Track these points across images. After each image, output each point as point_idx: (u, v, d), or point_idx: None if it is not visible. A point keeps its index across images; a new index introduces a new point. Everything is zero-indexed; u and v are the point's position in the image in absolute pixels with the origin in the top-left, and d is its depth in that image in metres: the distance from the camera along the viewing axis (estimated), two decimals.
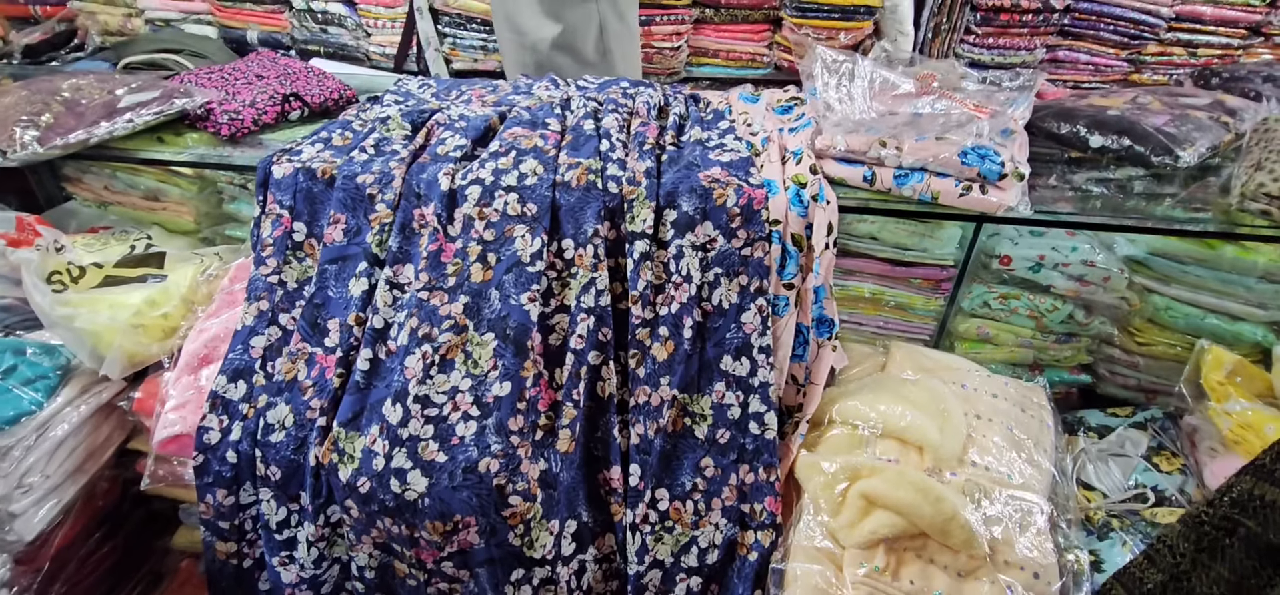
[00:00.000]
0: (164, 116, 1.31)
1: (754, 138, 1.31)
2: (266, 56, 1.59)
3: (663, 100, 1.48)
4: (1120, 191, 1.21)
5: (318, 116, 1.45)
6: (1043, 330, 1.29)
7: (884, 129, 1.19)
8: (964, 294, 1.27)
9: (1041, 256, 1.21)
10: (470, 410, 1.03)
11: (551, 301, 1.11)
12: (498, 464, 0.99)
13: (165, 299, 1.15)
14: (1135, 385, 1.33)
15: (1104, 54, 2.57)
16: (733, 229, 1.11)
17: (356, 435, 1.03)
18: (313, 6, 2.53)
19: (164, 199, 1.38)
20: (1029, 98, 1.29)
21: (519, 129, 1.27)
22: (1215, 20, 2.49)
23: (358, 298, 1.11)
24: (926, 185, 1.12)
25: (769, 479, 1.08)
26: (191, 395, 1.08)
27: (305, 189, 1.17)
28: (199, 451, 1.04)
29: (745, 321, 1.11)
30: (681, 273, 1.10)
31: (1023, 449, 1.09)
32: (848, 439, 1.10)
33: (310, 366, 1.09)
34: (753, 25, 2.65)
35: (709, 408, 1.10)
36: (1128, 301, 1.25)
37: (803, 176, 1.15)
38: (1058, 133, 1.35)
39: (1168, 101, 1.40)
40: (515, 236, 1.11)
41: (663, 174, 1.16)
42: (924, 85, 1.30)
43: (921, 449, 1.07)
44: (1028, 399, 1.18)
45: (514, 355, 1.05)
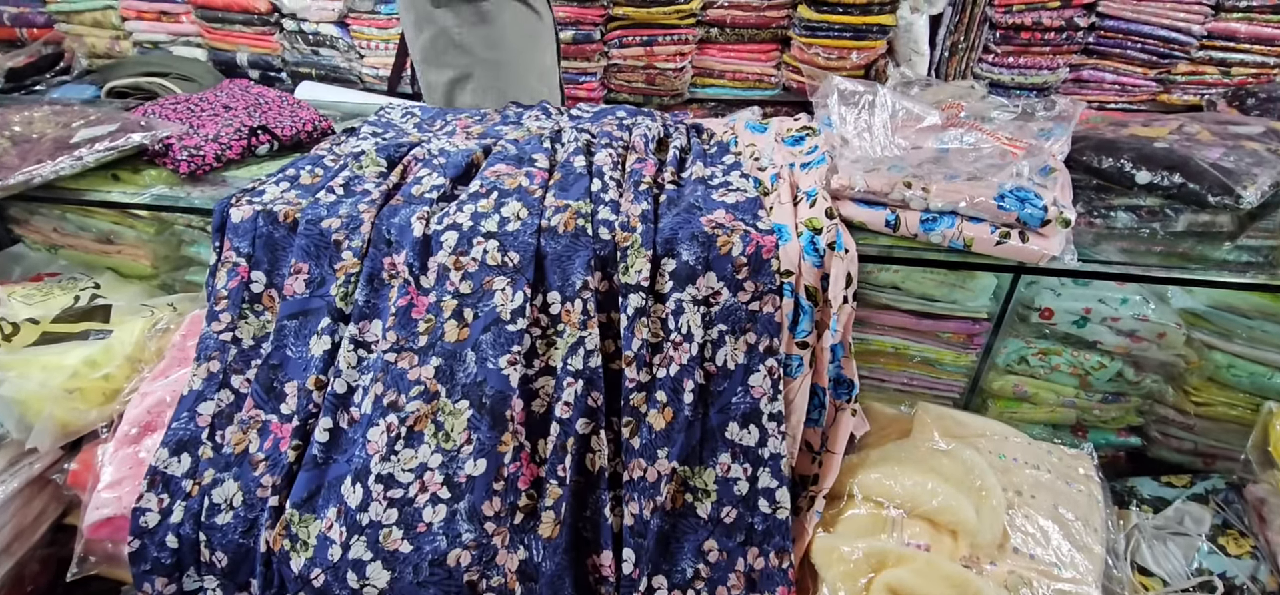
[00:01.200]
0: (119, 153, 1.21)
1: (762, 174, 1.19)
2: (238, 85, 1.49)
3: (662, 131, 1.36)
4: (1173, 235, 1.08)
5: (288, 150, 1.34)
6: (1087, 388, 1.16)
7: (908, 167, 1.06)
8: (999, 349, 1.14)
9: (1087, 309, 1.08)
10: (440, 491, 0.91)
11: (535, 363, 0.99)
12: (469, 556, 0.87)
13: (107, 359, 1.04)
14: (1192, 449, 1.19)
15: (1131, 74, 2.45)
16: (739, 281, 0.99)
17: (311, 518, 0.92)
18: (304, 28, 2.45)
19: (119, 241, 1.27)
20: (1067, 130, 1.17)
21: (503, 166, 1.16)
22: (1250, 38, 2.36)
23: (319, 358, 0.99)
24: (958, 231, 0.99)
25: (782, 565, 0.95)
26: (130, 470, 0.96)
27: (265, 234, 1.06)
28: (134, 536, 0.93)
29: (753, 384, 0.98)
30: (681, 330, 0.98)
31: (1070, 530, 0.96)
32: (870, 519, 0.97)
33: (263, 437, 0.97)
34: (760, 45, 2.55)
35: (713, 483, 0.97)
36: (1184, 359, 1.12)
37: (818, 221, 1.02)
38: (1099, 167, 1.22)
39: (1218, 131, 1.27)
40: (494, 290, 0.99)
41: (661, 218, 1.04)
42: (951, 117, 1.18)
43: (955, 533, 0.94)
44: (1073, 469, 1.04)
45: (490, 428, 0.93)
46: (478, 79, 1.72)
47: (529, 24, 1.75)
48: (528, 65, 1.77)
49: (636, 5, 2.41)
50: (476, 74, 1.72)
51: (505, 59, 1.72)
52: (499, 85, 1.72)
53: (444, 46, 1.70)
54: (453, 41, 1.69)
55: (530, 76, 1.77)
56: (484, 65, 1.71)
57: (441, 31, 1.68)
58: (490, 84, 1.72)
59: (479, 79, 1.72)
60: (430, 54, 1.73)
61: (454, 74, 1.73)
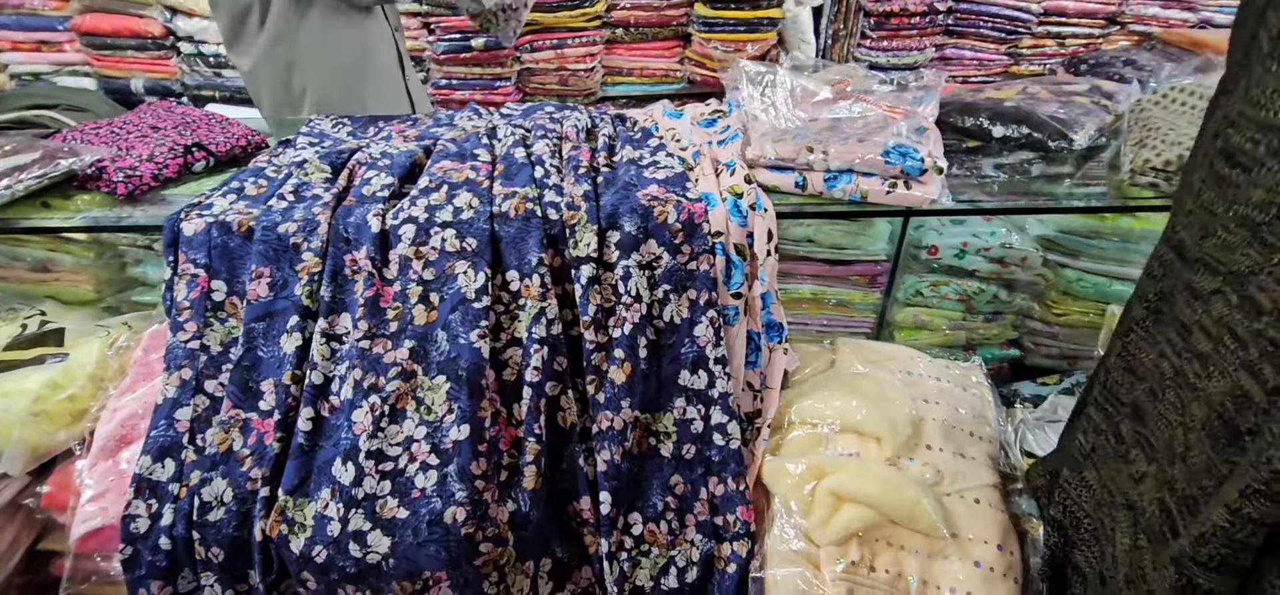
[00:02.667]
0: (48, 180, 1.19)
1: (685, 153, 1.33)
2: (161, 106, 1.48)
3: (589, 122, 1.48)
4: (1023, 176, 1.30)
5: (225, 166, 1.36)
6: (971, 312, 1.36)
7: (809, 135, 1.23)
8: (898, 285, 1.33)
9: (964, 243, 1.28)
10: (429, 459, 0.99)
11: (501, 336, 1.08)
12: (464, 512, 0.95)
13: (69, 379, 1.04)
14: (1058, 354, 1.42)
15: (985, 50, 2.78)
16: (676, 245, 1.12)
17: (306, 502, 0.97)
18: (203, 51, 2.39)
19: (56, 268, 1.25)
20: (935, 96, 1.37)
21: (447, 162, 1.23)
22: (1078, 13, 2.73)
23: (292, 354, 1.04)
24: (855, 185, 1.16)
25: (739, 488, 1.08)
26: (112, 482, 0.98)
27: (221, 244, 1.09)
28: (126, 543, 0.94)
29: (698, 335, 1.11)
30: (630, 293, 1.10)
31: (970, 427, 1.15)
32: (809, 439, 1.12)
33: (246, 434, 1.01)
34: (663, 43, 2.70)
35: (672, 425, 1.10)
36: (1044, 278, 1.34)
37: (738, 187, 1.17)
38: (963, 126, 1.44)
39: (1053, 90, 1.52)
40: (457, 273, 1.07)
41: (601, 196, 1.15)
42: (839, 90, 1.36)
43: (879, 439, 1.10)
44: (968, 379, 1.24)
45: (469, 396, 1.01)
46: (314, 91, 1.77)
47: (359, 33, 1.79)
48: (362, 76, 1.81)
49: (544, 11, 2.51)
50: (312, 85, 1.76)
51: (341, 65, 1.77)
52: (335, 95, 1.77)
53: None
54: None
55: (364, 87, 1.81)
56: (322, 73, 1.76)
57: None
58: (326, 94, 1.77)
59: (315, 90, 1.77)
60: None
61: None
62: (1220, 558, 0.59)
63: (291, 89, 1.77)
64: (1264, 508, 0.55)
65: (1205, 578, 0.60)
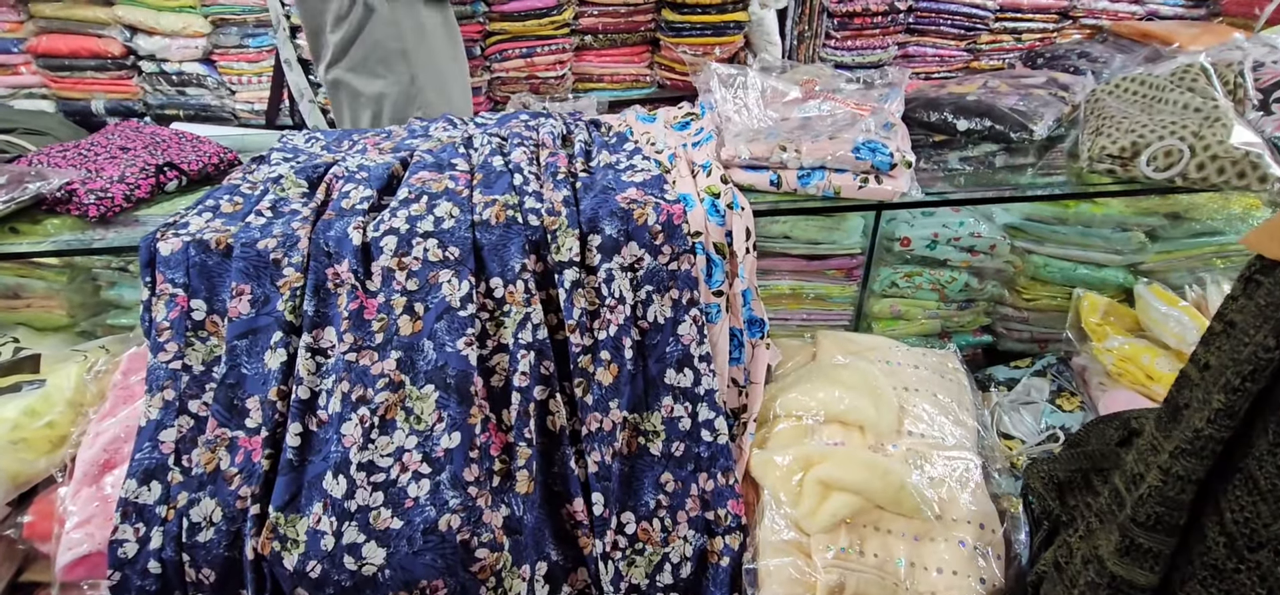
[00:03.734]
0: (15, 204, 1.17)
1: (660, 155, 1.35)
2: (128, 126, 1.46)
3: (565, 129, 1.49)
4: (987, 167, 1.35)
5: (198, 184, 1.34)
6: (945, 300, 1.41)
7: (781, 134, 1.26)
8: (874, 278, 1.36)
9: (935, 234, 1.32)
10: (421, 468, 0.99)
11: (488, 343, 1.09)
12: (459, 519, 0.96)
13: (47, 406, 1.02)
14: (1029, 338, 1.47)
15: (946, 47, 2.85)
16: (657, 246, 1.14)
17: (298, 517, 0.97)
18: (165, 69, 2.34)
19: (26, 294, 1.22)
20: (900, 93, 1.42)
21: (425, 172, 1.24)
22: (1032, 9, 2.82)
23: (277, 370, 1.04)
24: (828, 182, 1.20)
25: (728, 482, 1.10)
26: (96, 508, 0.96)
27: (199, 263, 1.08)
28: (114, 569, 0.93)
29: (682, 333, 1.13)
30: (614, 295, 1.11)
31: (949, 412, 1.18)
32: (794, 430, 1.15)
33: (233, 452, 1.01)
34: (632, 48, 2.73)
35: (660, 423, 1.11)
36: (1012, 264, 1.39)
37: (715, 187, 1.19)
38: (928, 120, 1.48)
39: (1012, 83, 1.58)
40: (441, 282, 1.08)
41: (580, 201, 1.17)
42: (808, 90, 1.40)
43: (862, 428, 1.13)
44: (944, 365, 1.28)
45: (458, 404, 1.02)
46: (406, 90, 1.77)
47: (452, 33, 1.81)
48: (453, 76, 1.84)
49: (512, 20, 2.52)
50: (407, 84, 1.77)
51: (442, 67, 1.79)
52: (429, 96, 1.79)
53: (381, 56, 1.74)
54: (391, 50, 1.73)
55: (454, 88, 1.84)
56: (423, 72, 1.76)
57: (377, 41, 1.72)
58: (419, 95, 1.78)
59: (408, 90, 1.77)
60: (361, 64, 1.76)
61: (383, 85, 1.76)
62: (1156, 516, 0.65)
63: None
64: (1190, 465, 0.62)
65: (1145, 537, 0.65)
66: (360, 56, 1.76)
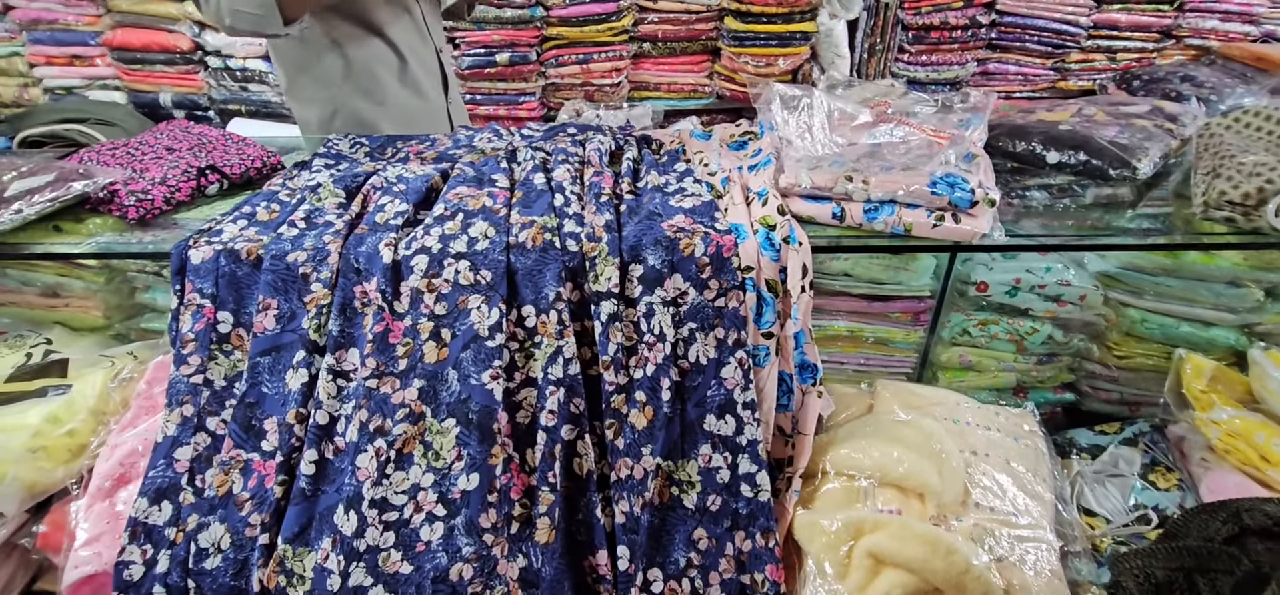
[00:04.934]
0: (60, 203, 1.16)
1: (713, 178, 1.26)
2: (178, 126, 1.46)
3: (613, 145, 1.41)
4: (1083, 208, 1.20)
5: (239, 188, 1.32)
6: (1023, 352, 1.27)
7: (847, 162, 1.15)
8: (943, 323, 1.24)
9: (1017, 280, 1.19)
10: (435, 509, 0.93)
11: (515, 375, 1.02)
12: (471, 569, 0.89)
13: (70, 413, 1.01)
14: (1118, 399, 1.32)
15: (1031, 64, 2.66)
16: (703, 280, 1.04)
17: (306, 551, 0.92)
18: (230, 65, 2.39)
19: (66, 294, 1.22)
20: (983, 119, 1.28)
21: (464, 188, 1.18)
22: (1130, 26, 2.60)
23: (297, 391, 0.99)
24: (898, 218, 1.08)
25: (768, 544, 1.00)
26: (107, 525, 0.94)
27: (229, 273, 1.05)
28: (119, 591, 0.90)
29: (726, 377, 1.04)
30: (654, 331, 1.03)
31: (1023, 482, 1.06)
32: (845, 492, 1.04)
33: (246, 476, 0.97)
34: (692, 57, 2.64)
35: (696, 474, 1.02)
36: (1104, 317, 1.24)
37: (771, 218, 1.09)
38: (1013, 151, 1.34)
39: (1111, 111, 1.42)
40: (470, 308, 1.01)
41: (624, 226, 1.09)
42: (880, 113, 1.28)
43: (923, 496, 1.02)
44: (1019, 427, 1.14)
45: (479, 442, 0.95)
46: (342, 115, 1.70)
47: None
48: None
49: (570, 26, 2.47)
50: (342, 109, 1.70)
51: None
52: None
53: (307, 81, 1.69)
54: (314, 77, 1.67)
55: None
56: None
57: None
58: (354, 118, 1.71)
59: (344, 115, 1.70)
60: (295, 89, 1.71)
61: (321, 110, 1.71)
62: None
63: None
64: None
65: None
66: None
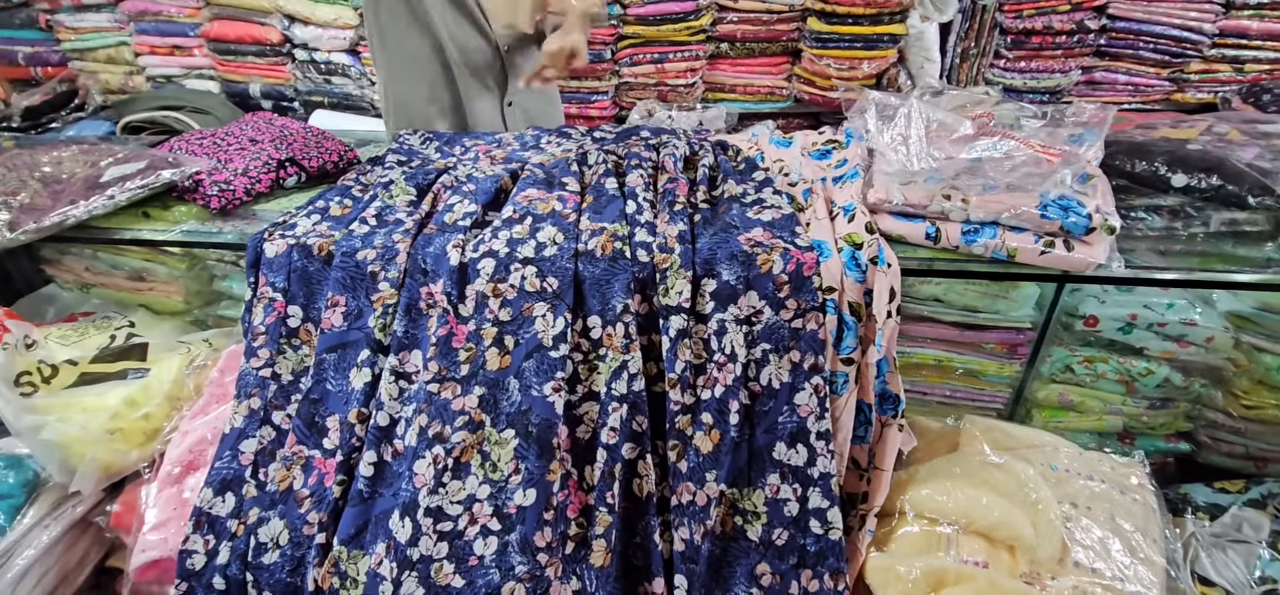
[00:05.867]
0: (149, 190, 1.20)
1: (794, 189, 1.18)
2: (262, 118, 1.49)
3: (688, 149, 1.35)
4: (1211, 237, 1.07)
5: (315, 181, 1.34)
6: (1133, 395, 1.15)
7: (945, 178, 1.06)
8: (1043, 358, 1.13)
9: (1133, 315, 1.07)
10: (490, 523, 0.90)
11: (577, 388, 0.98)
12: (524, 589, 0.86)
13: (146, 398, 1.03)
14: (1243, 453, 1.17)
15: (1144, 74, 2.44)
16: (780, 299, 0.98)
17: (360, 555, 0.90)
18: (315, 58, 2.46)
19: (150, 278, 1.26)
20: (1100, 135, 1.16)
21: (533, 190, 1.15)
22: (1262, 34, 2.35)
23: (360, 391, 0.98)
24: (1000, 242, 0.98)
25: (837, 587, 0.93)
26: (174, 511, 0.95)
27: (300, 268, 1.05)
28: (181, 579, 0.91)
29: (799, 403, 0.97)
30: (724, 350, 0.97)
31: (1130, 541, 0.95)
32: (924, 537, 0.96)
33: (307, 473, 0.96)
34: (770, 58, 2.55)
35: (762, 504, 0.96)
36: (1233, 362, 1.10)
37: (858, 236, 1.01)
38: (1130, 170, 1.21)
39: (1247, 130, 1.26)
40: (535, 316, 0.98)
41: (698, 237, 1.03)
42: (983, 126, 1.17)
43: (1013, 549, 0.93)
44: (1126, 478, 1.03)
45: (538, 457, 0.91)
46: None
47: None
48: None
49: (647, 24, 2.42)
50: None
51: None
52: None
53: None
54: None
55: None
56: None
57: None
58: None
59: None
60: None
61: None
62: None
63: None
64: None
65: None
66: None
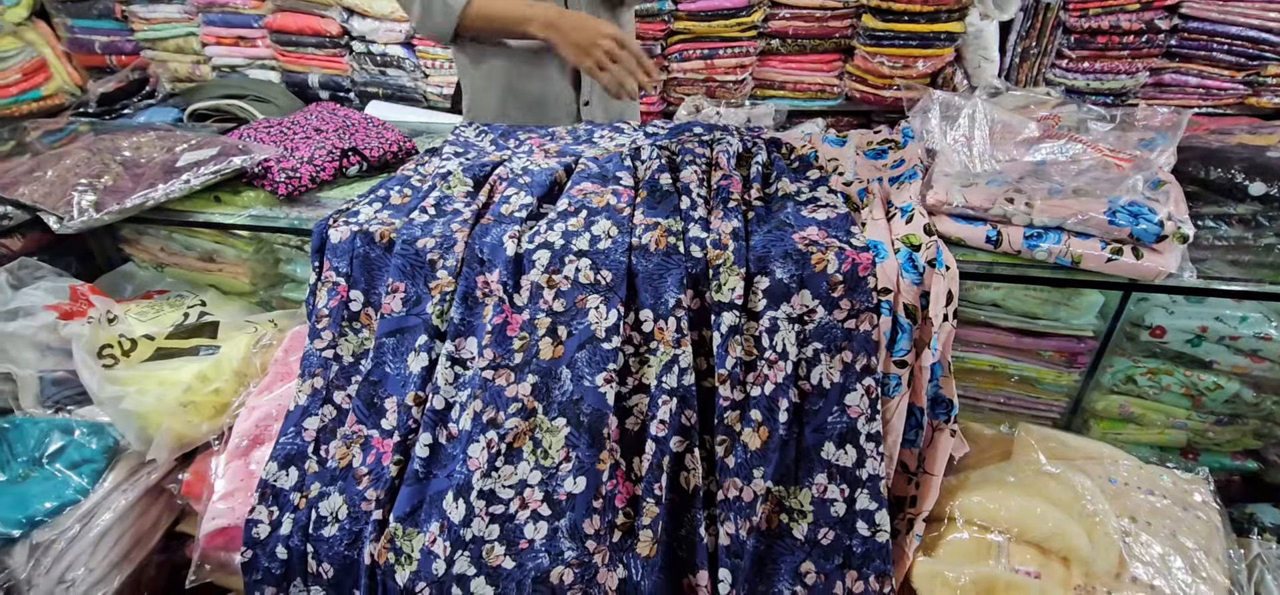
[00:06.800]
0: (221, 175, 1.26)
1: (850, 189, 1.17)
2: (325, 108, 1.54)
3: (741, 146, 1.35)
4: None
5: (377, 170, 1.38)
6: (1199, 409, 1.11)
7: (1008, 180, 1.04)
8: (1105, 368, 1.10)
9: (1203, 328, 1.03)
10: (540, 509, 0.92)
11: (628, 380, 0.99)
12: (572, 574, 0.87)
13: (217, 374, 1.08)
14: None
15: (1217, 76, 2.34)
16: (835, 299, 0.97)
17: (415, 532, 0.93)
18: (371, 50, 2.52)
19: (220, 260, 1.32)
20: (1173, 140, 1.12)
21: (588, 184, 1.16)
22: None
23: (417, 375, 1.01)
24: (1065, 247, 0.96)
25: (882, 590, 0.92)
26: (241, 482, 0.99)
27: (362, 254, 1.09)
28: (247, 546, 0.96)
29: (850, 404, 0.96)
30: (776, 348, 0.97)
31: (1191, 559, 0.92)
32: (974, 544, 0.94)
33: (366, 452, 1.00)
34: (822, 56, 2.52)
35: (809, 504, 0.96)
36: None
37: (916, 237, 1.00)
38: (1206, 178, 1.16)
39: None
40: (588, 308, 0.99)
41: (752, 235, 1.03)
42: (1048, 128, 1.14)
43: (1067, 561, 0.91)
44: (1189, 495, 1.00)
45: (588, 446, 0.93)
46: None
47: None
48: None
49: (698, 20, 2.42)
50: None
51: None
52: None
53: None
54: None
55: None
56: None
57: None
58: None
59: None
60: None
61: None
62: None
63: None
64: None
65: None
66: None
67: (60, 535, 0.95)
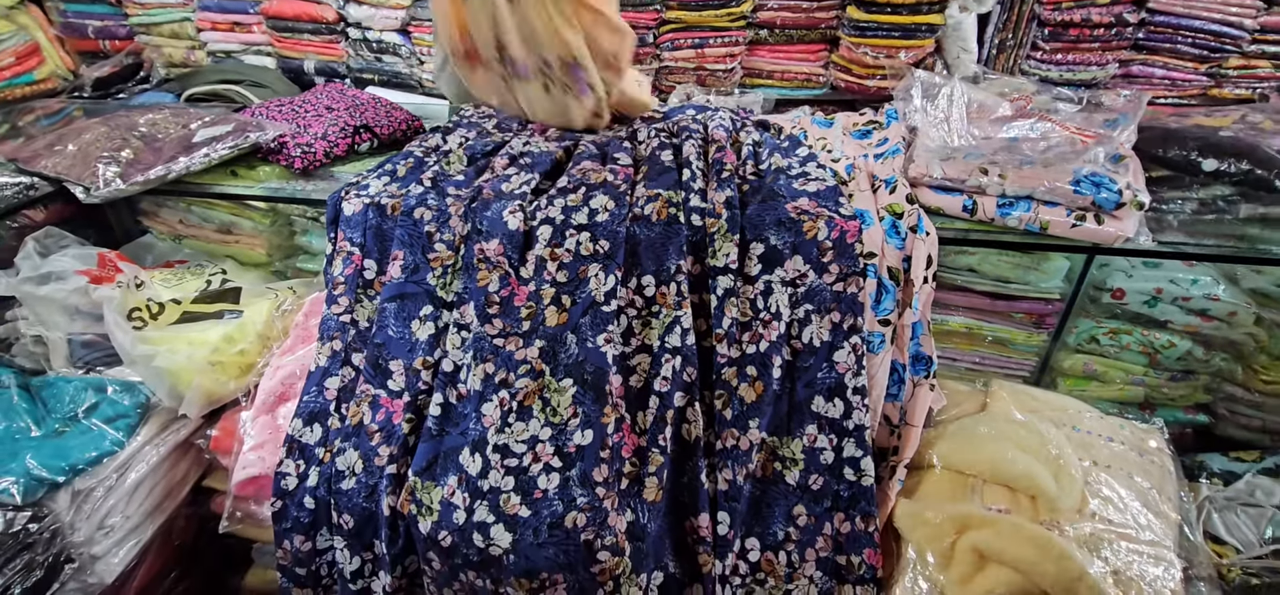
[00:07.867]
0: (238, 150, 1.31)
1: (837, 165, 1.25)
2: (335, 88, 1.59)
3: (732, 127, 1.43)
4: (1238, 221, 1.12)
5: (386, 147, 1.43)
6: (1156, 366, 1.20)
7: (983, 154, 1.12)
8: (1070, 329, 1.19)
9: (1158, 290, 1.12)
10: (552, 461, 0.98)
11: (631, 341, 1.06)
12: (584, 518, 0.94)
13: (242, 336, 1.14)
14: (1259, 427, 1.22)
15: (1181, 68, 2.44)
16: (824, 263, 1.05)
17: (433, 485, 0.99)
18: (367, 36, 2.55)
19: (237, 232, 1.37)
20: (1133, 120, 1.21)
21: (588, 163, 1.23)
22: None
23: (424, 341, 1.07)
24: (1034, 215, 1.05)
25: (867, 529, 1.01)
26: (269, 435, 1.05)
27: (375, 225, 1.14)
28: (277, 497, 1.01)
29: (838, 360, 1.04)
30: (770, 309, 1.05)
31: (1147, 498, 1.01)
32: (952, 485, 1.03)
33: (375, 410, 1.05)
34: (808, 45, 2.59)
35: (800, 452, 1.04)
36: (1254, 338, 1.15)
37: (899, 206, 1.08)
38: (1163, 156, 1.26)
39: (1279, 121, 1.31)
40: (589, 277, 1.06)
41: (746, 205, 1.11)
42: (1020, 108, 1.23)
43: (1035, 498, 0.99)
44: (1145, 442, 1.09)
45: (594, 401, 1.00)
46: None
47: None
48: None
49: (689, 9, 2.48)
50: None
51: None
52: None
53: None
54: None
55: None
56: None
57: None
58: None
59: None
60: None
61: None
62: None
63: None
64: None
65: None
66: None
67: (99, 483, 1.00)
